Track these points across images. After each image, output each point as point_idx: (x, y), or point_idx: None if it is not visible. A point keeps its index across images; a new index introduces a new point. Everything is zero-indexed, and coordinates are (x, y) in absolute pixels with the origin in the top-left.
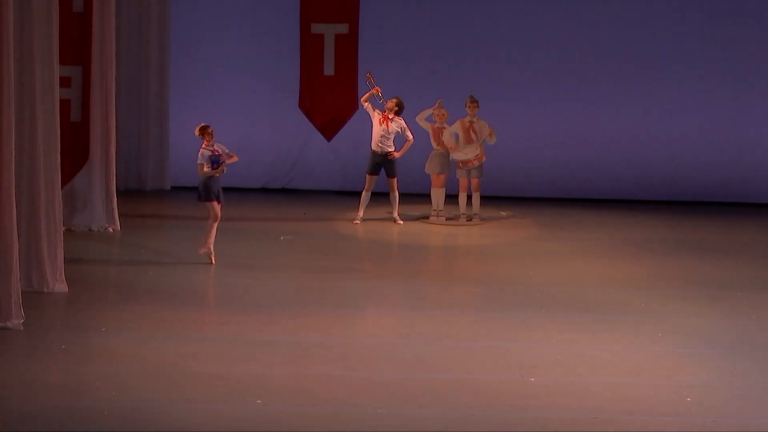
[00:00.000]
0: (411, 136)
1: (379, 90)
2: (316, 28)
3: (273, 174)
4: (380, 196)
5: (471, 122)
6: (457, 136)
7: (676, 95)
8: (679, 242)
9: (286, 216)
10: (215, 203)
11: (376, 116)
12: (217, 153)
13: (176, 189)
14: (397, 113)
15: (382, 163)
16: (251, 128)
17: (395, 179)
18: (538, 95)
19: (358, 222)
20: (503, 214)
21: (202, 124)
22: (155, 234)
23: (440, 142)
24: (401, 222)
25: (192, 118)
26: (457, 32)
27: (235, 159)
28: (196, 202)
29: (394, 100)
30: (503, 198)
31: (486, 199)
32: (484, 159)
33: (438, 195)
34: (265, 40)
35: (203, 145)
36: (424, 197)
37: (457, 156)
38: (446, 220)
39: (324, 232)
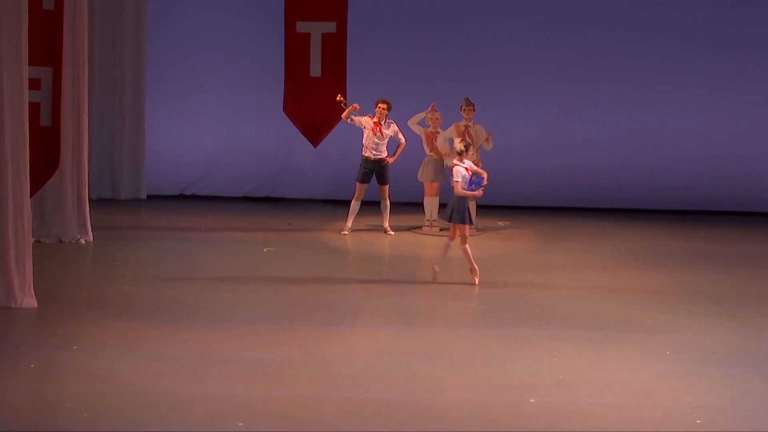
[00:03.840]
0: (403, 139)
1: (357, 106)
2: (302, 26)
3: (256, 182)
4: (370, 205)
5: (466, 127)
6: (451, 141)
7: (682, 100)
8: (688, 254)
9: (270, 226)
10: (467, 227)
11: (366, 125)
12: (473, 172)
13: (152, 198)
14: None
15: (374, 169)
16: (233, 133)
17: (388, 187)
18: (537, 99)
19: (346, 233)
20: (501, 224)
21: (465, 142)
22: (130, 246)
23: (434, 148)
24: (392, 233)
25: (170, 122)
26: (452, 31)
27: (486, 176)
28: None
29: (386, 104)
30: (500, 207)
31: (482, 209)
32: (480, 166)
33: (431, 204)
34: (248, 40)
35: (455, 161)
36: (417, 206)
37: (451, 163)
38: (440, 230)
39: (310, 244)
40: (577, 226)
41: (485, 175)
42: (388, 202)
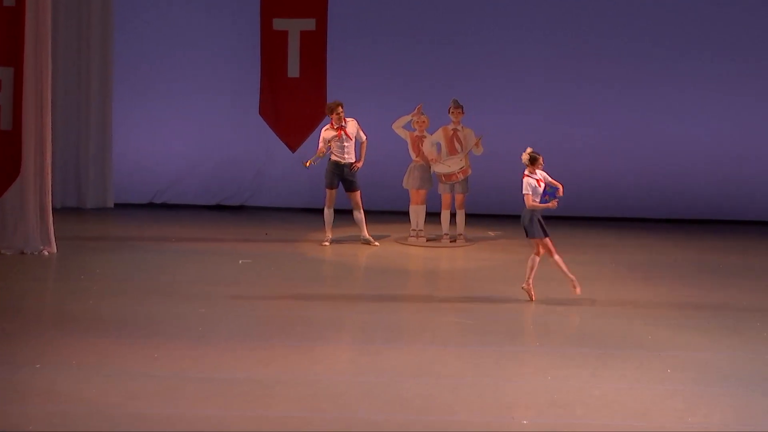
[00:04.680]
0: (365, 136)
1: (322, 151)
2: (279, 23)
3: (231, 189)
4: (350, 213)
5: (455, 130)
6: (439, 146)
7: (686, 102)
8: (691, 266)
9: (246, 237)
10: (547, 239)
11: (330, 132)
12: (543, 183)
13: (120, 207)
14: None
15: (341, 175)
16: (206, 138)
17: (359, 194)
18: (531, 100)
19: (327, 244)
20: (491, 234)
21: (530, 151)
22: (97, 258)
23: (420, 153)
24: (377, 243)
25: (138, 126)
26: (439, 28)
27: (561, 189)
28: (178, 223)
29: (341, 105)
30: (491, 216)
31: (472, 218)
32: (469, 172)
33: (417, 213)
34: (221, 38)
35: (526, 172)
36: (402, 215)
37: (439, 169)
38: (427, 241)
39: (288, 255)
40: (572, 236)
41: (560, 186)
42: (361, 212)
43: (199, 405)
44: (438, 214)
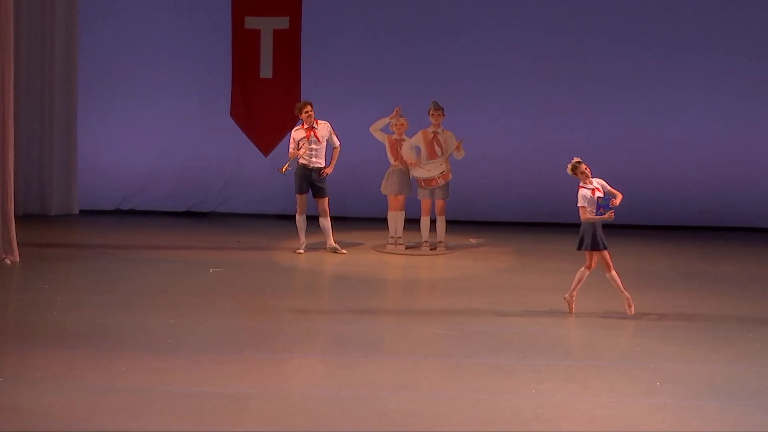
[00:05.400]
0: (338, 142)
1: (295, 153)
2: (251, 22)
3: (201, 195)
4: (341, 220)
5: (435, 133)
6: (418, 149)
7: (679, 104)
8: (682, 274)
9: (217, 244)
10: (605, 253)
11: (300, 133)
12: (599, 192)
13: (86, 213)
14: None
15: (310, 179)
16: (175, 141)
17: (327, 200)
18: (515, 102)
19: (301, 251)
20: (473, 241)
21: (576, 160)
22: (61, 267)
23: (399, 157)
24: (344, 251)
25: (104, 129)
26: (419, 26)
27: (620, 198)
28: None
29: (311, 104)
30: (473, 223)
31: (453, 225)
32: (450, 177)
33: (396, 219)
34: (191, 37)
35: (581, 184)
36: (380, 222)
37: (418, 173)
38: (406, 248)
39: (261, 264)
40: (558, 243)
41: (619, 195)
42: (328, 219)
43: (167, 420)
44: (417, 221)
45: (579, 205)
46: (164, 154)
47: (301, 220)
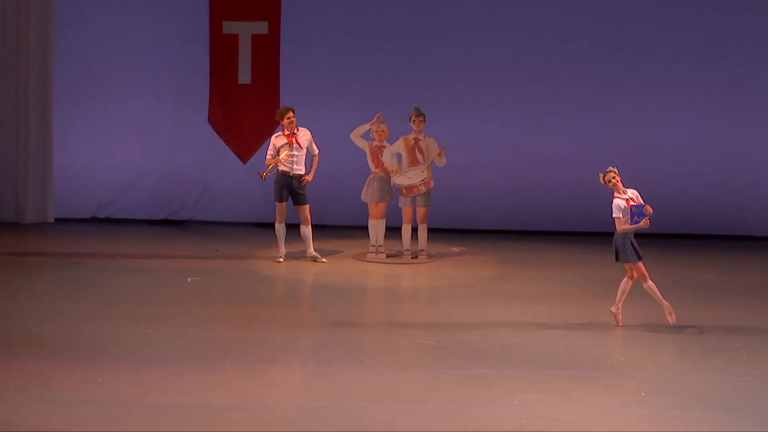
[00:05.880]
0: (317, 150)
1: (279, 160)
2: (229, 27)
3: (178, 203)
4: (321, 228)
5: (416, 140)
6: (399, 156)
7: (665, 109)
8: (667, 283)
9: (195, 253)
10: (641, 264)
11: (281, 140)
12: (633, 202)
13: (61, 221)
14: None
15: (291, 187)
16: (152, 148)
17: (308, 208)
18: (498, 108)
19: (280, 260)
20: (455, 249)
21: (608, 169)
22: (36, 275)
23: (379, 164)
24: (325, 260)
25: (81, 136)
26: (400, 31)
27: (650, 211)
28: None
29: (293, 110)
30: (456, 231)
31: (434, 233)
32: (432, 184)
33: (377, 227)
34: (168, 43)
35: (615, 194)
36: (361, 230)
37: (399, 181)
38: (387, 257)
39: (240, 273)
40: (542, 251)
41: (650, 210)
42: (309, 227)
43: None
44: (398, 229)
45: (614, 215)
46: (141, 161)
47: (280, 228)
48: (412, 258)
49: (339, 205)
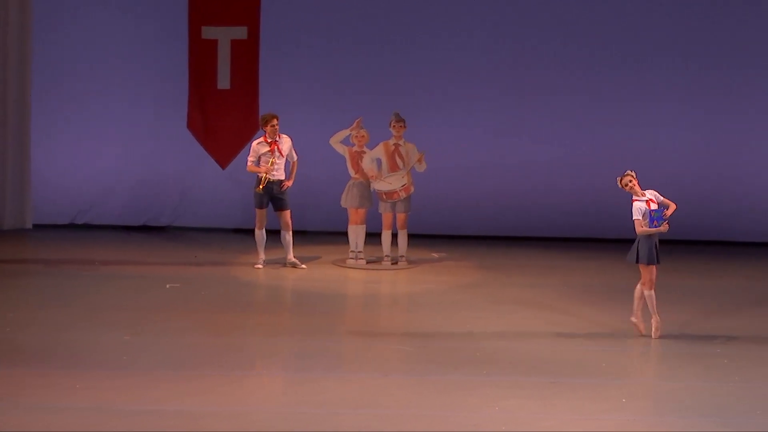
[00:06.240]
0: (296, 156)
1: (270, 170)
2: (208, 32)
3: (157, 209)
4: (300, 234)
5: (396, 145)
6: (379, 162)
7: (647, 115)
8: None
9: (174, 259)
10: (653, 267)
11: (263, 147)
12: (653, 203)
13: (39, 228)
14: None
15: (272, 193)
16: (130, 154)
17: (289, 213)
18: (479, 113)
19: (260, 266)
20: (435, 256)
21: (629, 173)
22: (13, 282)
23: (359, 170)
24: (304, 266)
25: (59, 141)
26: (380, 36)
27: (673, 208)
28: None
29: (277, 118)
30: (435, 237)
31: (415, 239)
32: (412, 190)
33: (357, 233)
34: (147, 48)
35: (634, 198)
36: (340, 236)
37: (379, 186)
38: (367, 263)
39: (219, 279)
40: (522, 257)
41: (672, 206)
42: (290, 233)
43: None
44: (378, 235)
45: (634, 218)
46: (119, 167)
47: (260, 234)
48: (392, 264)
49: (319, 211)
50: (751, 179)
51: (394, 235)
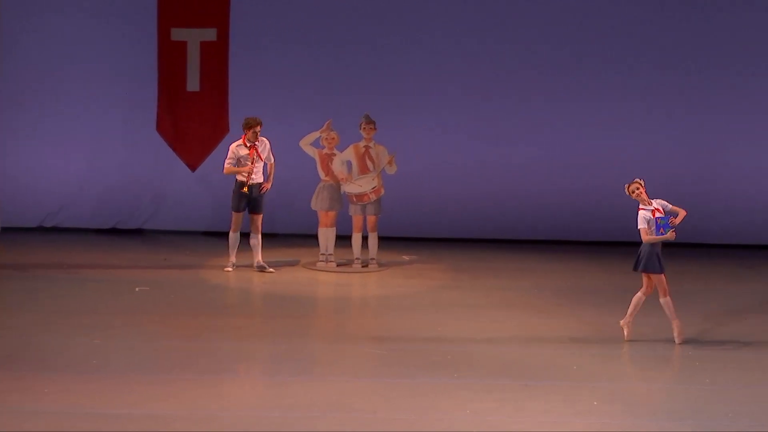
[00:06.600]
0: (273, 159)
1: (251, 169)
2: (178, 34)
3: (126, 212)
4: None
5: (367, 147)
6: (349, 164)
7: (618, 117)
8: (620, 291)
9: (143, 263)
10: (662, 276)
11: (243, 150)
12: (659, 213)
13: (7, 231)
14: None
15: (251, 196)
16: (99, 156)
17: (261, 217)
18: (448, 115)
19: (230, 269)
20: (406, 258)
21: (637, 181)
22: None
23: (329, 172)
24: (272, 270)
25: (27, 144)
26: (350, 37)
27: (682, 215)
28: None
29: (259, 125)
30: (406, 239)
31: (385, 241)
32: (382, 192)
33: (327, 236)
34: (115, 50)
35: (640, 206)
36: (311, 239)
37: (350, 189)
38: (337, 266)
39: (189, 282)
40: (493, 260)
41: (682, 213)
42: (259, 237)
43: None
44: (349, 237)
45: (639, 227)
46: (89, 169)
47: (234, 237)
48: (362, 267)
49: (289, 214)
50: (727, 182)
51: (365, 238)
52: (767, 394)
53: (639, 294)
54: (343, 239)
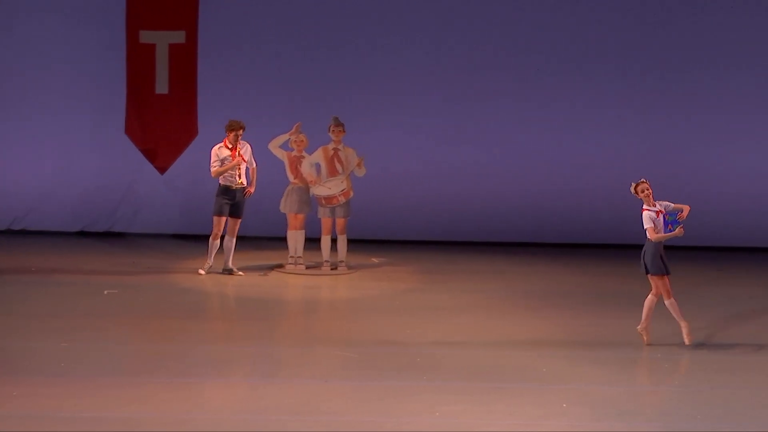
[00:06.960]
0: (255, 163)
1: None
2: (146, 36)
3: (94, 214)
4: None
5: (336, 150)
6: (318, 166)
7: (586, 120)
8: (590, 293)
9: (111, 266)
10: (666, 278)
11: (224, 152)
12: (663, 214)
13: None
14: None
15: (235, 199)
16: (68, 159)
17: (240, 222)
18: (417, 118)
19: (203, 273)
20: (375, 261)
21: (644, 181)
22: None
23: (298, 175)
24: (241, 273)
25: None
26: (319, 40)
27: (687, 210)
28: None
29: (242, 129)
30: (375, 242)
31: (354, 244)
32: (351, 195)
33: (296, 239)
34: (83, 52)
35: (644, 206)
36: (279, 241)
37: (319, 191)
38: (306, 268)
39: (158, 285)
40: (463, 262)
41: (686, 208)
42: (234, 240)
43: None
44: (318, 240)
45: (645, 227)
46: (57, 172)
47: (216, 243)
48: (331, 269)
49: (258, 216)
50: (693, 183)
51: (334, 240)
52: (734, 395)
53: (650, 297)
54: (312, 242)
